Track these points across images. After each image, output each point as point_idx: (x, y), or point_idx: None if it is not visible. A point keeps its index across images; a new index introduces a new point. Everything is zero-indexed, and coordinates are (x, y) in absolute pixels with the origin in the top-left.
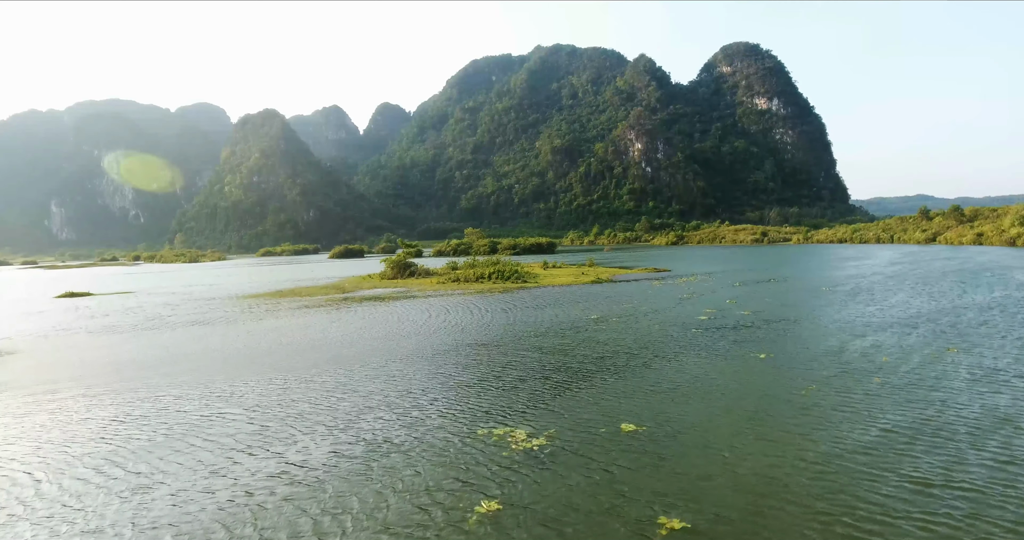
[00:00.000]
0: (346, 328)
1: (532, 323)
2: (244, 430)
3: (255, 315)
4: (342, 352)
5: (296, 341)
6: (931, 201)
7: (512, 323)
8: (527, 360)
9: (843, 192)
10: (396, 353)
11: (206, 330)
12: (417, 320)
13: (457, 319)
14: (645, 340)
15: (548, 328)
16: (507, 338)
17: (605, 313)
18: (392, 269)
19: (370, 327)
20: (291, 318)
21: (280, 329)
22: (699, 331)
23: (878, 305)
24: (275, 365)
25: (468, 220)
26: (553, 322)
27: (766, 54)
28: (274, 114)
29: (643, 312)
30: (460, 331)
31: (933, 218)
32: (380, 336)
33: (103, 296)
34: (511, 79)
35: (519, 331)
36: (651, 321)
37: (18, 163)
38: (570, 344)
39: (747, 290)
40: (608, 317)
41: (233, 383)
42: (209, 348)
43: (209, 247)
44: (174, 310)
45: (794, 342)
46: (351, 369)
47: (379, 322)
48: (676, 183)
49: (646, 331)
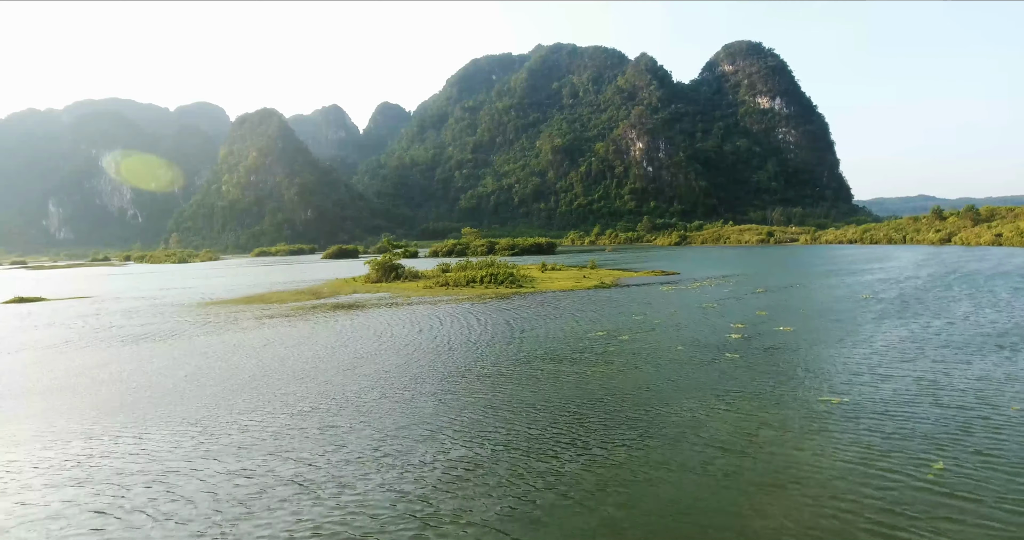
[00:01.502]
0: (302, 351)
1: (523, 342)
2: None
3: (210, 327)
4: (280, 390)
5: (230, 369)
6: (933, 201)
7: (497, 342)
8: (501, 419)
9: (846, 192)
10: (344, 396)
11: (137, 349)
12: (384, 337)
13: (430, 338)
14: (669, 374)
15: (542, 351)
16: (484, 368)
17: (613, 327)
18: (377, 272)
19: (331, 348)
20: (247, 332)
21: (223, 348)
22: (736, 358)
23: (944, 318)
24: (172, 414)
25: (468, 220)
26: (549, 341)
27: (768, 53)
28: (272, 113)
29: (659, 326)
30: (429, 354)
31: (947, 218)
32: (334, 362)
33: (56, 302)
34: (511, 78)
35: (503, 356)
36: (671, 340)
37: (16, 162)
38: (570, 381)
39: (774, 298)
40: (617, 333)
41: (90, 447)
42: (120, 376)
43: (206, 247)
44: (126, 320)
45: (870, 376)
46: (278, 437)
47: (342, 340)
48: (678, 183)
49: (668, 358)
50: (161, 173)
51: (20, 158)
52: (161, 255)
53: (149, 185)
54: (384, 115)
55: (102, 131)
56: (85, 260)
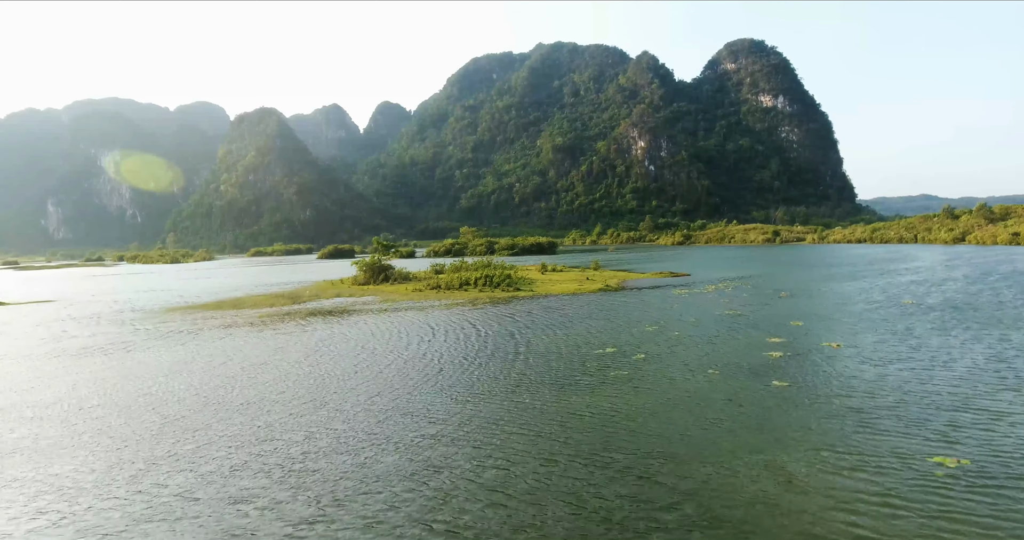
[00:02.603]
0: (254, 374)
1: (519, 361)
2: None
3: (163, 339)
4: (201, 439)
5: (155, 399)
6: (935, 200)
7: (489, 363)
8: (487, 495)
9: (850, 191)
10: (285, 448)
11: (66, 366)
12: (358, 354)
13: (411, 356)
14: (707, 414)
15: (542, 374)
16: (472, 401)
17: (625, 341)
18: (365, 273)
19: (291, 370)
20: (202, 345)
21: (163, 368)
22: (785, 388)
23: (1020, 329)
24: (32, 475)
25: (468, 219)
26: (550, 359)
27: (771, 51)
28: (270, 112)
29: (680, 340)
30: (406, 380)
31: (959, 217)
32: (288, 393)
33: (18, 307)
34: (512, 77)
35: (496, 382)
36: (698, 360)
37: (15, 162)
38: (579, 423)
39: (804, 304)
40: (631, 349)
41: None
42: (9, 405)
43: (204, 247)
44: (80, 329)
45: (974, 415)
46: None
47: (308, 358)
48: (680, 182)
49: (700, 387)
50: (160, 173)
51: (19, 158)
52: (154, 255)
53: (148, 185)
54: (384, 114)
55: (101, 131)
56: (79, 260)
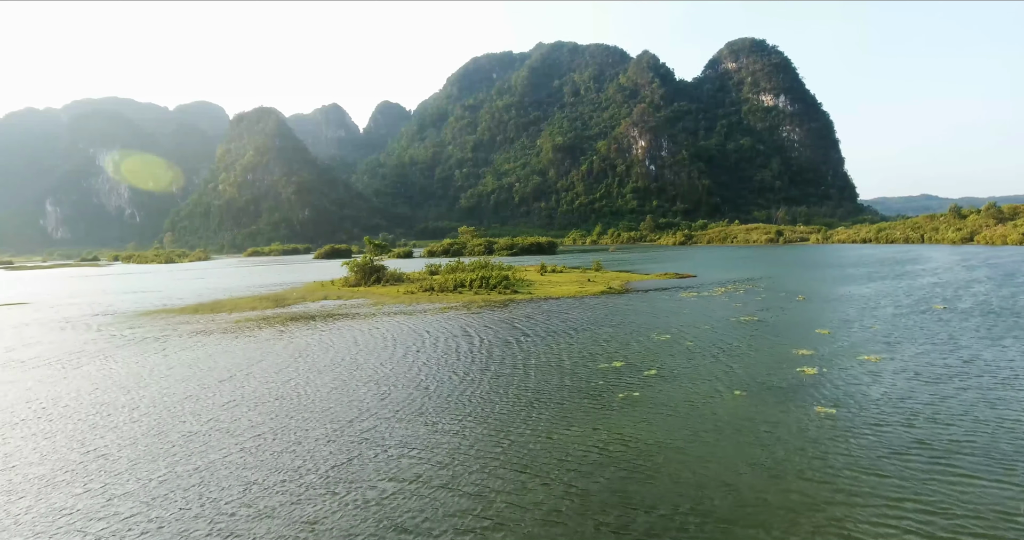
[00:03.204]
0: (213, 393)
1: (514, 378)
2: None
3: (125, 349)
4: (125, 485)
5: (85, 425)
6: (935, 200)
7: (479, 381)
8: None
9: (851, 191)
10: (230, 500)
11: (4, 379)
12: (336, 368)
13: (395, 371)
14: (741, 453)
15: (539, 394)
16: (460, 430)
17: (634, 353)
18: (356, 274)
19: (258, 388)
20: (167, 355)
21: (112, 383)
22: (833, 415)
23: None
24: None
25: (468, 219)
26: (549, 376)
27: (772, 50)
28: (269, 111)
29: (696, 353)
30: (387, 403)
31: (967, 217)
32: (248, 418)
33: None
34: (512, 76)
35: (487, 404)
36: (720, 378)
37: (14, 162)
38: (582, 466)
39: (826, 310)
40: (640, 363)
41: None
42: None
43: (202, 246)
44: (42, 334)
45: None
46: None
47: (279, 373)
48: (680, 181)
49: (727, 414)
50: (160, 172)
51: (18, 157)
52: (149, 255)
53: (147, 184)
54: (384, 114)
55: (100, 130)
56: (75, 260)
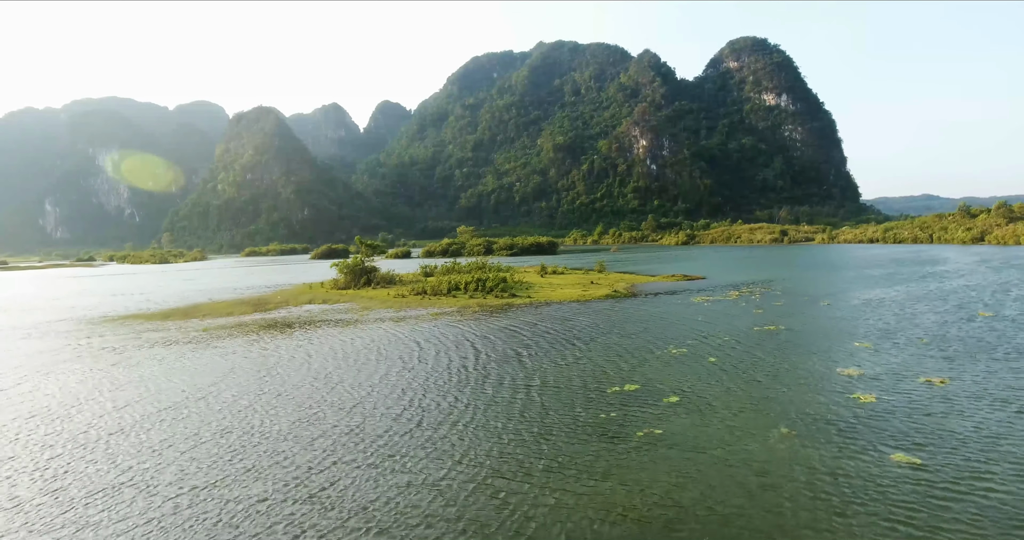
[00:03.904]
0: (148, 430)
1: (511, 404)
2: None
3: (77, 364)
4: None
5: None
6: (936, 200)
7: (452, 407)
8: None
9: (854, 191)
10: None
11: None
12: (293, 393)
13: (372, 394)
14: (802, 529)
15: (540, 427)
16: (448, 477)
17: (648, 372)
18: (346, 276)
19: (201, 418)
20: (113, 371)
21: (27, 414)
22: (919, 467)
23: None
24: None
25: (468, 219)
26: (550, 401)
27: (774, 49)
28: (268, 111)
29: (722, 372)
30: (360, 439)
31: (977, 216)
32: (157, 464)
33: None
34: (512, 76)
35: (482, 441)
36: (754, 406)
37: (13, 161)
38: (584, 535)
39: (855, 316)
40: (655, 386)
41: None
42: None
43: (200, 246)
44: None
45: None
46: None
47: (226, 398)
48: (682, 181)
49: (772, 463)
50: (159, 172)
51: (17, 157)
52: (145, 255)
53: (147, 184)
54: (384, 114)
55: (100, 130)
56: (71, 260)
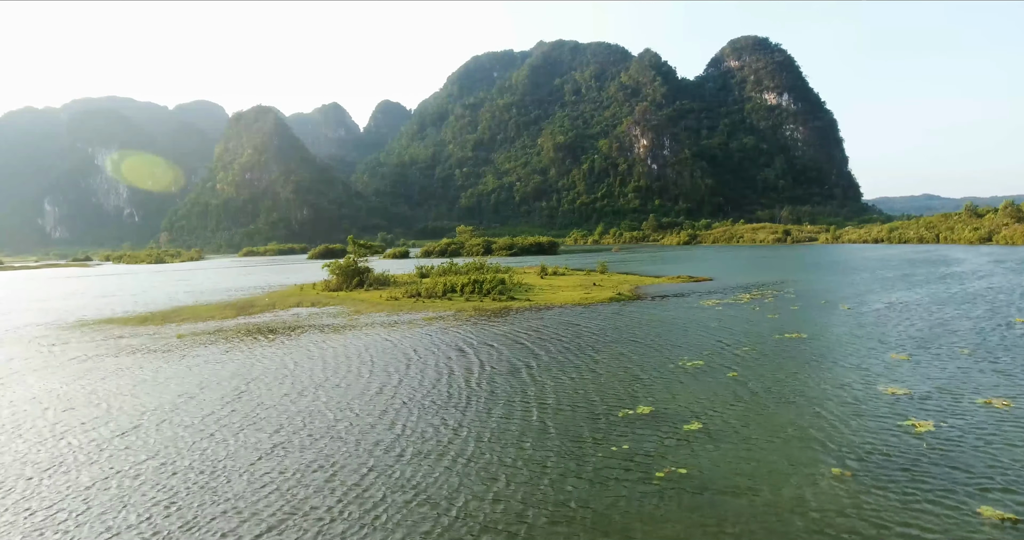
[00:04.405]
0: (87, 467)
1: (508, 433)
2: None
3: (34, 376)
4: None
5: None
6: (937, 200)
7: (441, 447)
8: None
9: (856, 190)
10: None
11: None
12: (262, 413)
13: (339, 419)
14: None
15: (521, 469)
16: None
17: (660, 391)
18: (338, 277)
19: (155, 449)
20: (70, 385)
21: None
22: (1013, 524)
23: None
24: None
25: (468, 219)
26: (539, 431)
27: (775, 48)
28: (268, 110)
29: (745, 390)
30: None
31: (984, 215)
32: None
33: None
34: (512, 75)
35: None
36: (795, 437)
37: (13, 161)
38: None
39: (880, 322)
40: (672, 408)
41: None
42: None
43: (199, 246)
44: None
45: None
46: None
47: (189, 420)
48: (683, 181)
49: (830, 515)
50: (159, 172)
51: (17, 157)
52: (141, 255)
53: (146, 184)
54: (385, 113)
55: (99, 129)
56: (67, 260)
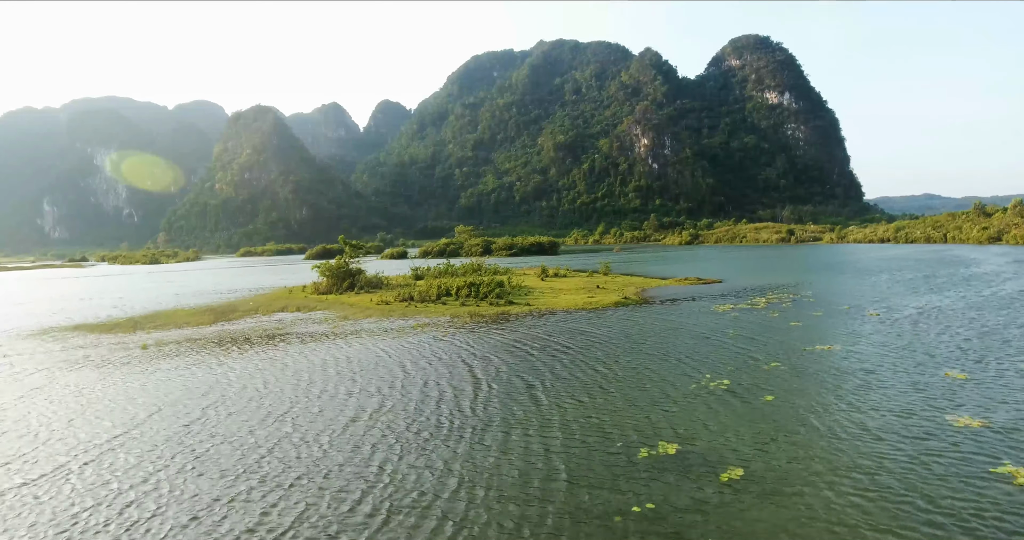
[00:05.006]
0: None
1: (503, 478)
2: None
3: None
4: None
5: None
6: (938, 200)
7: (422, 508)
8: None
9: (857, 190)
10: None
11: None
12: (214, 449)
13: (302, 460)
14: None
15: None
16: None
17: (683, 421)
18: (328, 279)
19: (31, 515)
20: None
21: None
22: None
23: None
24: None
25: (468, 218)
26: (543, 484)
27: (776, 47)
28: (267, 110)
29: (788, 423)
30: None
31: (992, 215)
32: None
33: None
34: (513, 74)
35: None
36: (860, 488)
37: (12, 161)
38: None
39: (917, 332)
40: (700, 444)
41: None
42: None
43: (197, 246)
44: None
45: None
46: None
47: (110, 462)
48: (684, 180)
49: None
50: (158, 172)
51: (16, 156)
52: (137, 256)
53: (146, 184)
54: (385, 113)
55: (98, 129)
56: (63, 260)
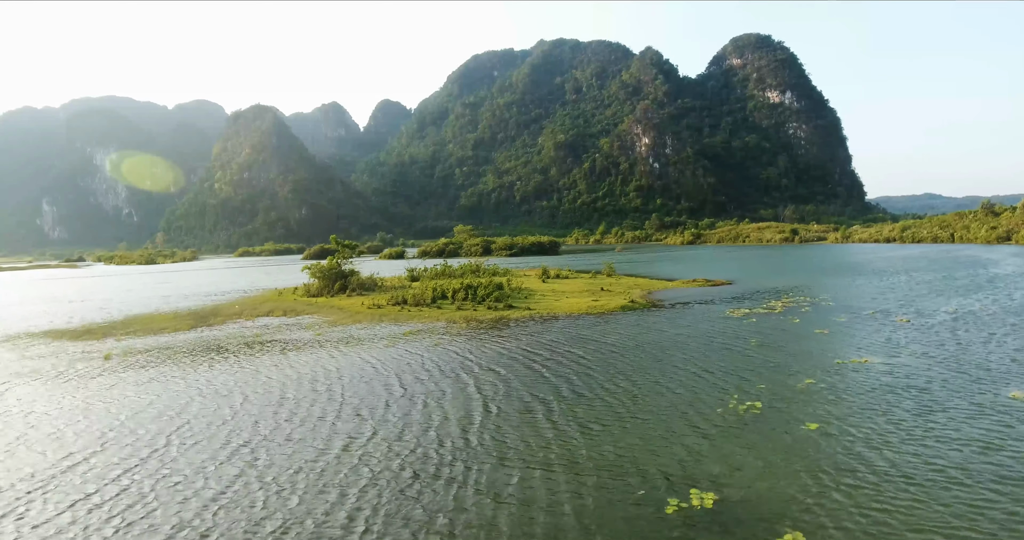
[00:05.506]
0: None
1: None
2: None
3: None
4: None
5: None
6: (939, 199)
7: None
8: None
9: (859, 189)
10: None
11: None
12: (156, 491)
13: (270, 505)
14: None
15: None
16: None
17: (716, 463)
18: (320, 281)
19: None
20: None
21: None
22: None
23: None
24: None
25: (468, 218)
26: (568, 528)
27: (778, 46)
28: (266, 109)
29: (838, 453)
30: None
31: (1000, 214)
32: None
33: None
34: (513, 74)
35: None
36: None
37: (11, 161)
38: None
39: (958, 341)
40: (742, 500)
41: None
42: None
43: (197, 246)
44: None
45: None
46: None
47: (36, 511)
48: (685, 179)
49: None
50: (158, 172)
51: (15, 156)
52: (133, 256)
53: (145, 184)
54: (385, 113)
55: (98, 129)
56: (59, 261)
